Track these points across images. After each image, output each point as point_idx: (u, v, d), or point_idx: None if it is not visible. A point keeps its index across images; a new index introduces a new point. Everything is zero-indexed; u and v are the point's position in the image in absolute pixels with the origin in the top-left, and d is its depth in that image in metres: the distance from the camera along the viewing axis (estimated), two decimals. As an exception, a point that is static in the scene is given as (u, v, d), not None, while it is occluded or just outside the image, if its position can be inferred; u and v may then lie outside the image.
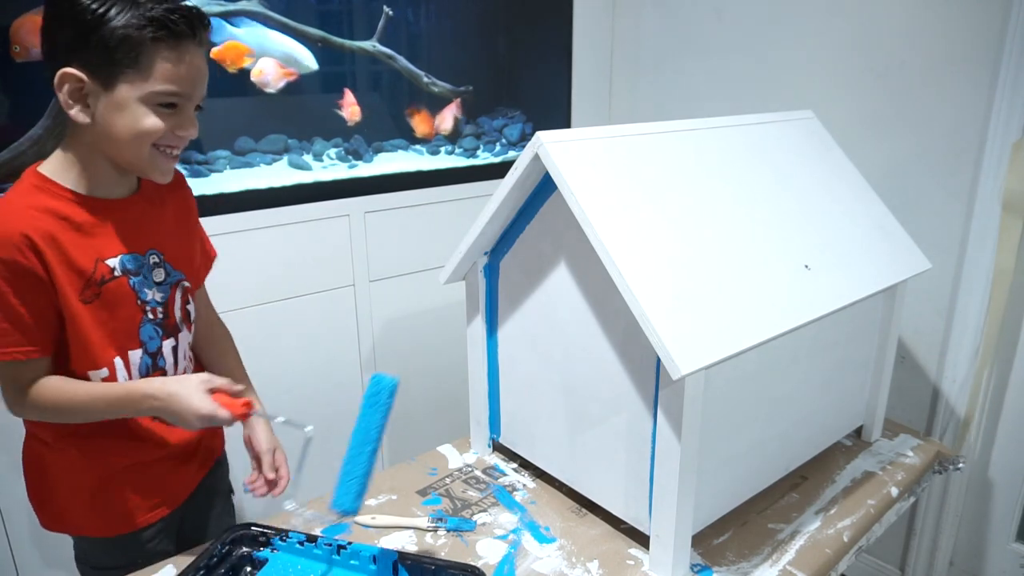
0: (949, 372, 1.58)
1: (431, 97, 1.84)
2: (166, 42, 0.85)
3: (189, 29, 0.86)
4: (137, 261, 0.96)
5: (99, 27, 0.82)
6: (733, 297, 0.95)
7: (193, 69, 0.89)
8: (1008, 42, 1.38)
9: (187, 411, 0.88)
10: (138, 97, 0.86)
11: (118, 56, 0.84)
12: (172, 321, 1.01)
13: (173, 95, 0.88)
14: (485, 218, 1.08)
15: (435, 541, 1.05)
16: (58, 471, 1.01)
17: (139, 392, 0.91)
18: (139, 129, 0.87)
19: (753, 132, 1.22)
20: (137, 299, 0.96)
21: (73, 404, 0.92)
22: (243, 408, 0.90)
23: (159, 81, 0.86)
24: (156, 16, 0.83)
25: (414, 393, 1.93)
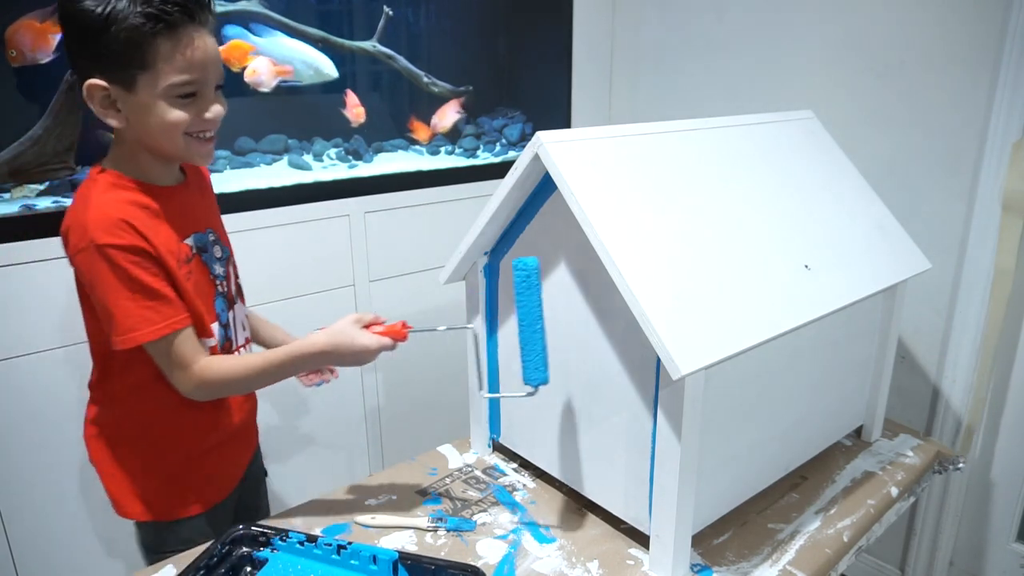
0: (949, 372, 1.58)
1: (431, 97, 1.84)
2: (165, 34, 0.86)
3: (185, 15, 0.87)
4: (202, 240, 1.03)
5: (105, 32, 0.85)
6: (733, 297, 0.95)
7: (199, 52, 0.90)
8: (1008, 42, 1.38)
9: (361, 352, 0.96)
10: (156, 94, 0.89)
11: (128, 58, 0.86)
12: (231, 293, 1.09)
13: (187, 84, 0.90)
14: (485, 218, 1.08)
15: (435, 541, 1.05)
16: (128, 463, 1.06)
17: (308, 352, 0.97)
18: (166, 124, 0.91)
19: (753, 132, 1.22)
20: (210, 274, 1.04)
21: (244, 376, 0.98)
22: (403, 330, 0.98)
23: (169, 74, 0.88)
24: (151, 11, 0.84)
25: (414, 393, 1.93)
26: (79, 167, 1.38)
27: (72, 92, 1.33)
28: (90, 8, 0.85)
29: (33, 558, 1.45)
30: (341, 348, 0.96)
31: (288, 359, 0.97)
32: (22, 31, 1.25)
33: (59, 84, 1.32)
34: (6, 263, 1.32)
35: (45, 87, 1.31)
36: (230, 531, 0.98)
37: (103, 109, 0.91)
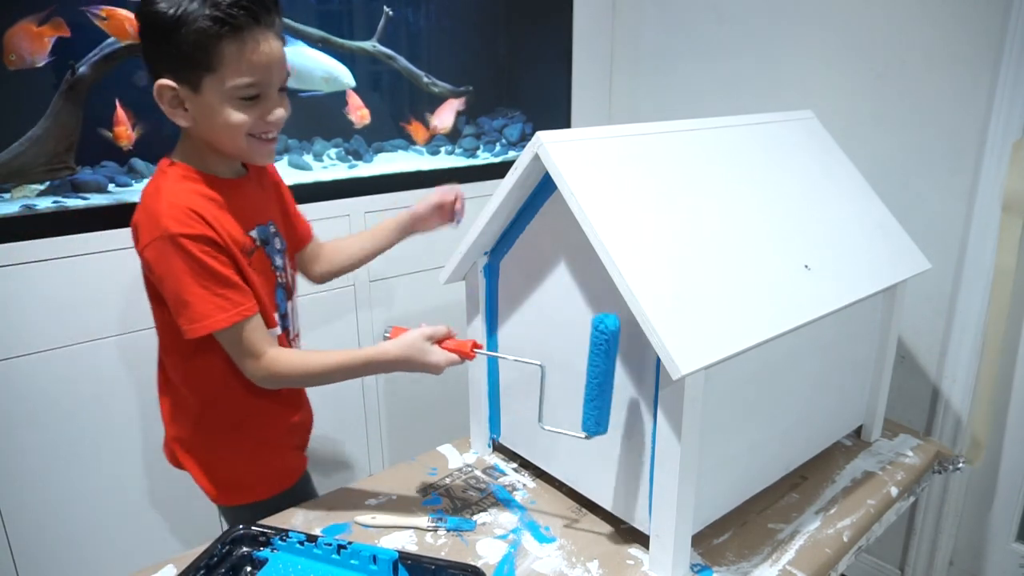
0: (949, 372, 1.58)
1: (431, 97, 1.84)
2: (230, 36, 0.88)
3: (251, 18, 0.89)
4: (264, 232, 1.06)
5: (175, 33, 0.88)
6: (733, 297, 0.95)
7: (262, 56, 0.92)
8: (1008, 42, 1.38)
9: (432, 366, 0.98)
10: (221, 95, 0.92)
11: (195, 59, 0.89)
12: (289, 285, 1.12)
13: (250, 86, 0.92)
14: (485, 218, 1.08)
15: (435, 541, 1.05)
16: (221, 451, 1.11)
17: (380, 360, 0.99)
18: (228, 125, 0.94)
19: (753, 132, 1.22)
20: (272, 266, 1.07)
21: (314, 372, 1.00)
22: (471, 351, 1.00)
23: (233, 76, 0.91)
24: (217, 15, 0.87)
25: (414, 393, 1.93)
26: (79, 167, 1.38)
27: (72, 92, 1.33)
28: (163, 10, 0.88)
29: (33, 558, 1.45)
30: (413, 361, 0.98)
31: (359, 363, 1.00)
32: (20, 35, 1.25)
33: (58, 85, 1.32)
34: (6, 263, 1.32)
35: (45, 88, 1.31)
36: (230, 531, 0.98)
37: (171, 108, 0.94)
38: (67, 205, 1.37)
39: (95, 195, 1.40)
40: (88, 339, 1.43)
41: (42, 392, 1.40)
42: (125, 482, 1.53)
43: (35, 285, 1.36)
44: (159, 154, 1.44)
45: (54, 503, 1.46)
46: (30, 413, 1.40)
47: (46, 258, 1.36)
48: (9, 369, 1.36)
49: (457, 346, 1.00)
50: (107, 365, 1.46)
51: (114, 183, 1.42)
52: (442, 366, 0.98)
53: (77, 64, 1.32)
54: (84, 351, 1.43)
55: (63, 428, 1.44)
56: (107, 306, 1.44)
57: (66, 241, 1.37)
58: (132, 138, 1.40)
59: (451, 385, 1.49)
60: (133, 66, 1.39)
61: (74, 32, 1.31)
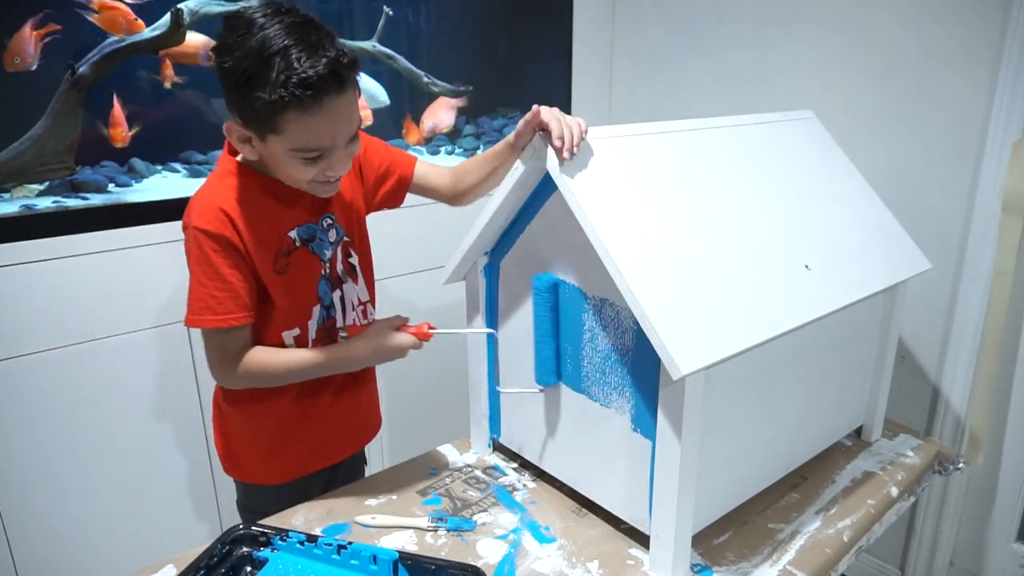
0: (949, 372, 1.58)
1: (431, 97, 1.84)
2: (299, 107, 0.89)
3: (324, 88, 0.89)
4: (311, 229, 1.08)
5: (245, 93, 0.89)
6: (733, 297, 0.95)
7: (329, 123, 0.93)
8: (1008, 42, 1.38)
9: (396, 352, 1.06)
10: (284, 152, 0.94)
11: (261, 119, 0.91)
12: (335, 274, 1.13)
13: (312, 150, 0.95)
14: (485, 218, 1.08)
15: (435, 541, 1.05)
16: (236, 428, 1.16)
17: (348, 356, 1.06)
18: (291, 175, 0.98)
19: (753, 132, 1.22)
20: (319, 260, 1.09)
21: (283, 371, 1.04)
22: (427, 330, 1.08)
23: (298, 140, 0.93)
24: (283, 94, 0.87)
25: (414, 393, 1.93)
26: (79, 167, 1.38)
27: (72, 92, 1.33)
28: (234, 65, 0.89)
29: (33, 558, 1.45)
30: (380, 351, 1.05)
31: (327, 362, 1.06)
32: (24, 37, 1.26)
33: (59, 85, 1.32)
34: (6, 263, 1.33)
35: (45, 88, 1.31)
36: (230, 531, 0.98)
37: (239, 143, 0.97)
38: (67, 205, 1.37)
39: (95, 195, 1.40)
40: (88, 339, 1.43)
41: (42, 392, 1.40)
42: (125, 482, 1.53)
43: (35, 285, 1.36)
44: (159, 154, 1.46)
45: (54, 503, 1.46)
46: (30, 413, 1.40)
47: (46, 258, 1.36)
48: (9, 369, 1.36)
49: (415, 330, 1.07)
50: (107, 365, 1.46)
51: (114, 183, 1.42)
52: (406, 348, 1.06)
53: (77, 64, 1.32)
54: (84, 351, 1.43)
55: (63, 428, 1.44)
56: (107, 306, 1.44)
57: (66, 241, 1.37)
58: (127, 139, 1.40)
59: (451, 385, 1.49)
60: (134, 66, 1.39)
61: (74, 31, 1.31)
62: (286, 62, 0.87)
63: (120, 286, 1.45)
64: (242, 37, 0.89)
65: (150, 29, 1.38)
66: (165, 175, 1.47)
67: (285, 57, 0.87)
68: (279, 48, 0.87)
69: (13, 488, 1.41)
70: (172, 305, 1.51)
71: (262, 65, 0.87)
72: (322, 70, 0.88)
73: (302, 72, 0.87)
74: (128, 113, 1.40)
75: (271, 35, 0.88)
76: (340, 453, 1.25)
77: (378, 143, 1.21)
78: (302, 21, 0.91)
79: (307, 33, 0.89)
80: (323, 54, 0.88)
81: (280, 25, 0.89)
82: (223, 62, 0.90)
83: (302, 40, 0.88)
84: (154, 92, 1.42)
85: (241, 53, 0.88)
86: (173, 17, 1.39)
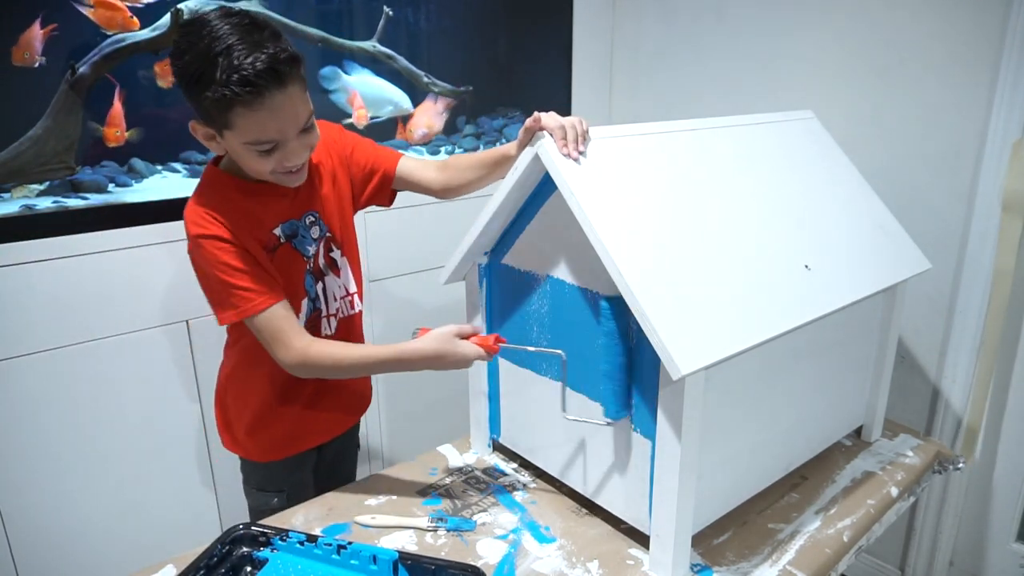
0: (949, 372, 1.58)
1: (431, 97, 1.84)
2: (243, 103, 0.92)
3: (263, 84, 0.92)
4: (293, 225, 1.11)
5: (196, 93, 0.93)
6: (733, 297, 0.95)
7: (277, 116, 0.96)
8: (1008, 42, 1.38)
9: (460, 361, 1.04)
10: (240, 147, 0.98)
11: (213, 117, 0.95)
12: (318, 267, 1.16)
13: (264, 143, 0.97)
14: (485, 218, 1.08)
15: (435, 541, 1.05)
16: (231, 404, 1.21)
17: (413, 355, 1.04)
18: (253, 168, 1.02)
19: (753, 132, 1.22)
20: (302, 256, 1.13)
21: (349, 363, 1.06)
22: (496, 343, 1.06)
23: (247, 135, 0.96)
24: (226, 92, 0.91)
25: (414, 393, 1.93)
26: (79, 167, 1.38)
27: (72, 92, 1.33)
28: (184, 67, 0.93)
29: (33, 558, 1.45)
30: (445, 355, 1.03)
31: (392, 358, 1.05)
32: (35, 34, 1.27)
33: (58, 85, 1.32)
34: (6, 263, 1.32)
35: (45, 88, 1.31)
36: (230, 531, 0.98)
37: (206, 141, 1.01)
38: (67, 205, 1.37)
39: (95, 195, 1.40)
40: (88, 339, 1.43)
41: (42, 392, 1.40)
42: (125, 482, 1.53)
43: (35, 285, 1.36)
44: (159, 154, 1.46)
45: (54, 503, 1.46)
46: (30, 413, 1.40)
47: (46, 258, 1.36)
48: (9, 369, 1.36)
49: (482, 340, 1.05)
50: (107, 365, 1.46)
51: (114, 183, 1.42)
52: (471, 358, 1.04)
53: (77, 64, 1.32)
54: (84, 351, 1.43)
55: (63, 428, 1.44)
56: (107, 306, 1.44)
57: (66, 241, 1.37)
58: (121, 139, 1.40)
59: (451, 385, 1.49)
60: (134, 65, 1.39)
61: (71, 30, 1.31)
62: (228, 61, 0.90)
63: (120, 286, 1.45)
64: (194, 39, 0.92)
65: (150, 29, 1.38)
66: (165, 175, 1.47)
67: (227, 56, 0.90)
68: (223, 48, 0.91)
69: (13, 488, 1.41)
70: (172, 305, 1.51)
71: (208, 65, 0.91)
72: (260, 67, 0.91)
73: (242, 70, 0.90)
74: (128, 113, 1.40)
75: (217, 36, 0.91)
76: (327, 433, 1.27)
77: (365, 142, 1.23)
78: (248, 23, 0.94)
79: (250, 33, 0.92)
80: (263, 51, 0.91)
81: (228, 26, 0.92)
82: (176, 65, 0.95)
83: (244, 39, 0.91)
84: (154, 92, 1.42)
85: (191, 56, 0.92)
86: (173, 17, 1.40)
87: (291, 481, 1.24)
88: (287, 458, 1.23)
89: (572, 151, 0.95)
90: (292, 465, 1.24)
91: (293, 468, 1.25)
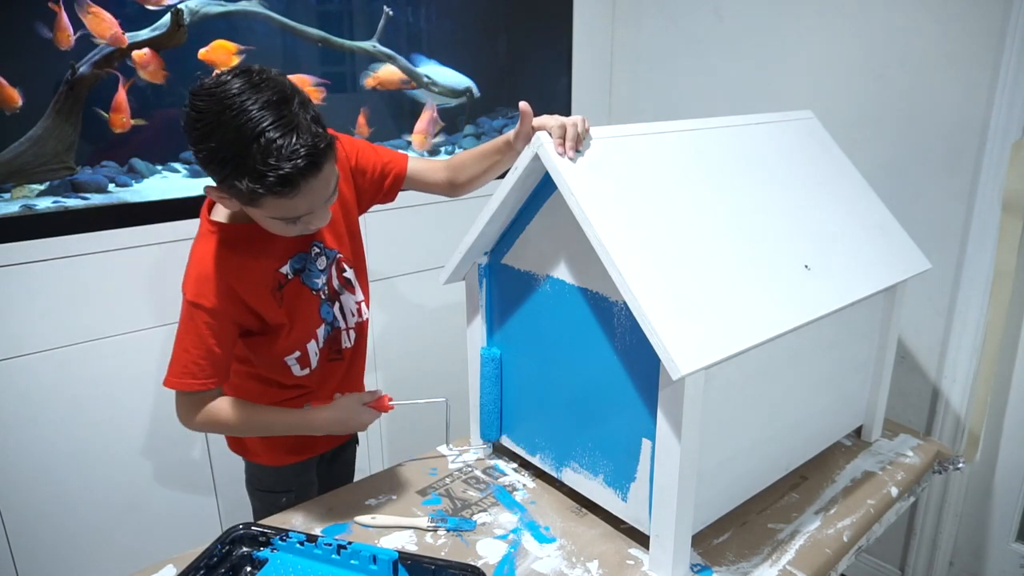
0: (949, 372, 1.58)
1: (431, 98, 1.84)
2: (282, 193, 0.89)
3: (303, 177, 0.88)
4: (301, 260, 1.10)
5: (223, 177, 0.89)
6: (733, 297, 0.95)
7: (308, 197, 0.93)
8: (1008, 42, 1.38)
9: (357, 425, 1.13)
10: (265, 218, 0.96)
11: (241, 199, 0.92)
12: (332, 290, 1.16)
13: (292, 219, 0.95)
14: (485, 218, 1.08)
15: (435, 541, 1.05)
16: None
17: (313, 423, 1.11)
18: (278, 232, 0.98)
19: (753, 132, 1.22)
20: (312, 290, 1.11)
21: (246, 425, 1.08)
22: (388, 403, 1.16)
23: (277, 213, 0.94)
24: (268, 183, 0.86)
25: (414, 393, 1.93)
26: (79, 167, 1.38)
27: (72, 92, 1.33)
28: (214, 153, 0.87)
29: (33, 558, 1.45)
30: (341, 423, 1.11)
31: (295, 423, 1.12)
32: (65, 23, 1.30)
33: (59, 85, 1.32)
34: (6, 263, 1.33)
35: (45, 88, 1.31)
36: (230, 531, 0.98)
37: (221, 202, 0.98)
38: (67, 205, 1.37)
39: (95, 195, 1.40)
40: (88, 339, 1.43)
41: (42, 392, 1.40)
42: (125, 482, 1.53)
43: (35, 285, 1.36)
44: (159, 154, 1.46)
45: (54, 502, 1.46)
46: (30, 413, 1.40)
47: (46, 258, 1.36)
48: (9, 369, 1.36)
49: (376, 403, 1.14)
50: (107, 365, 1.46)
51: (114, 183, 1.42)
52: (367, 424, 1.14)
53: (77, 64, 1.32)
54: (84, 351, 1.43)
55: (63, 428, 1.44)
56: (107, 306, 1.44)
57: (66, 241, 1.37)
58: (127, 126, 1.40)
59: (451, 385, 1.49)
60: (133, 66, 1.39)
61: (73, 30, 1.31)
62: (263, 153, 0.85)
63: (120, 286, 1.45)
64: (215, 119, 0.85)
65: (150, 29, 1.38)
66: (165, 175, 1.47)
67: (263, 147, 0.85)
68: (255, 133, 0.84)
69: (13, 488, 1.41)
70: (172, 305, 1.50)
71: (240, 153, 0.85)
72: (302, 164, 0.86)
73: (279, 169, 0.85)
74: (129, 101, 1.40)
75: (246, 118, 0.84)
76: (328, 443, 1.28)
77: (365, 145, 1.20)
78: (277, 98, 0.86)
79: (281, 108, 0.86)
80: (300, 141, 0.86)
81: (255, 103, 0.85)
82: (199, 150, 0.88)
83: (278, 121, 0.85)
84: (154, 92, 1.42)
85: (216, 143, 0.86)
86: (173, 17, 1.40)
87: (300, 482, 1.26)
88: (297, 463, 1.24)
89: (569, 150, 0.94)
90: (300, 468, 1.25)
91: (301, 471, 1.25)
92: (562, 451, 1.13)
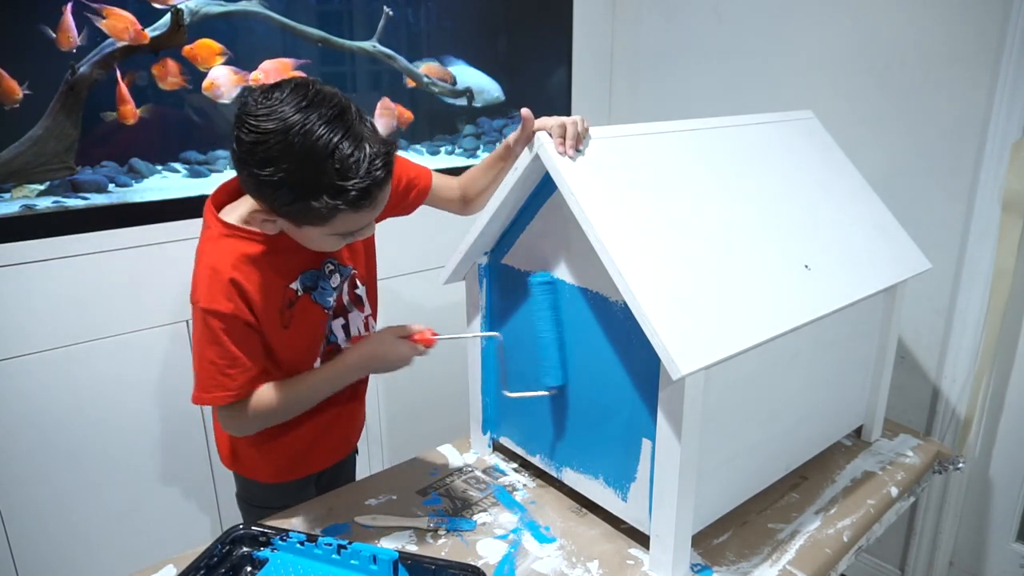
0: (949, 372, 1.58)
1: (431, 98, 1.84)
2: (358, 207, 0.88)
3: (378, 187, 0.88)
4: (313, 276, 1.05)
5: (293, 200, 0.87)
6: (733, 297, 0.95)
7: (376, 208, 0.92)
8: (1008, 42, 1.38)
9: (396, 359, 1.03)
10: (323, 235, 0.94)
11: (307, 217, 0.90)
12: (341, 305, 1.11)
13: (350, 232, 0.95)
14: (485, 218, 1.08)
15: (435, 541, 1.05)
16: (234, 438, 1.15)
17: (349, 363, 1.04)
18: (320, 248, 0.98)
19: (753, 132, 1.22)
20: (322, 309, 1.07)
21: (294, 400, 1.03)
22: (431, 336, 1.04)
23: (342, 228, 0.93)
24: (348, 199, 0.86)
25: (414, 393, 1.93)
26: (79, 167, 1.38)
27: (72, 92, 1.33)
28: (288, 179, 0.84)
29: (33, 558, 1.45)
30: (377, 359, 1.03)
31: (333, 375, 1.05)
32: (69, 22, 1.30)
33: (59, 85, 1.32)
34: (6, 263, 1.32)
35: (45, 88, 1.31)
36: (230, 531, 0.98)
37: (261, 224, 0.95)
38: (67, 205, 1.37)
39: (95, 195, 1.40)
40: (88, 339, 1.43)
41: (42, 392, 1.40)
42: (125, 482, 1.53)
43: (35, 285, 1.36)
44: (159, 154, 1.46)
45: (54, 503, 1.46)
46: (30, 413, 1.40)
47: (46, 258, 1.36)
48: (9, 369, 1.36)
49: (418, 336, 1.04)
50: (107, 365, 1.46)
51: (114, 183, 1.42)
52: (407, 356, 1.03)
53: (77, 64, 1.32)
54: (84, 351, 1.43)
55: (63, 428, 1.44)
56: (107, 306, 1.44)
57: (66, 241, 1.37)
58: (137, 115, 1.40)
59: (451, 385, 1.49)
60: (133, 65, 1.39)
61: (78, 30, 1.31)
62: (341, 169, 0.84)
63: (120, 286, 1.45)
64: (282, 140, 0.83)
65: (150, 29, 1.38)
66: (165, 175, 1.47)
67: (337, 161, 0.84)
68: (328, 151, 0.83)
69: (13, 488, 1.41)
70: (172, 305, 1.51)
71: (315, 173, 0.84)
72: (380, 174, 0.86)
73: (361, 182, 0.85)
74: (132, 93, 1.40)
75: (315, 136, 0.83)
76: (327, 460, 1.23)
77: None
78: (338, 111, 0.85)
79: (347, 123, 0.85)
80: (373, 152, 0.86)
81: (319, 119, 0.83)
82: (263, 175, 0.85)
83: (347, 135, 0.84)
84: (154, 92, 1.42)
85: (289, 164, 0.83)
86: (173, 17, 1.40)
87: (299, 498, 1.19)
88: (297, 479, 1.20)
89: (569, 149, 0.94)
90: (301, 483, 1.21)
91: (302, 485, 1.21)
92: (562, 451, 1.13)
